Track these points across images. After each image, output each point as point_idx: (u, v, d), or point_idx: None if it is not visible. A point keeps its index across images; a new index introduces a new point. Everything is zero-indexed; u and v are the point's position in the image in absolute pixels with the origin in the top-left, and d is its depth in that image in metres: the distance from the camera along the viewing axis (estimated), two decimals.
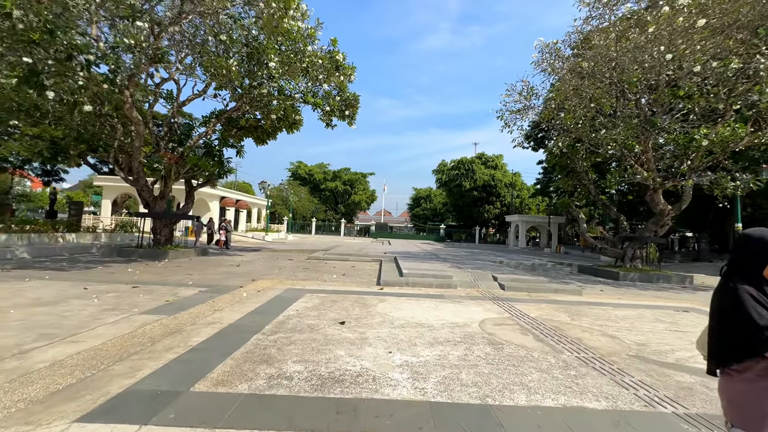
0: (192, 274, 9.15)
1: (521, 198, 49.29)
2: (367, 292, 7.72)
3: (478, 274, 10.28)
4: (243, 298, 6.50)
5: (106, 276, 8.26)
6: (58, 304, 5.43)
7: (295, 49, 12.04)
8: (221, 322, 4.89)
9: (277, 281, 8.57)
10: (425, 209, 62.95)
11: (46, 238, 12.97)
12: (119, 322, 4.69)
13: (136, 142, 10.86)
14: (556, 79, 14.70)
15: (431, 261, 13.76)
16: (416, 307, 6.36)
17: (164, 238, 13.20)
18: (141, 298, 6.12)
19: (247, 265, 11.85)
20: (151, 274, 8.82)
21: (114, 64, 8.20)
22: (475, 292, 8.36)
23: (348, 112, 15.05)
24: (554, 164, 20.45)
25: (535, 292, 8.58)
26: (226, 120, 15.65)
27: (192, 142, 13.04)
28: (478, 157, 49.23)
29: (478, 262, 14.44)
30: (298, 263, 13.10)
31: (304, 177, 56.04)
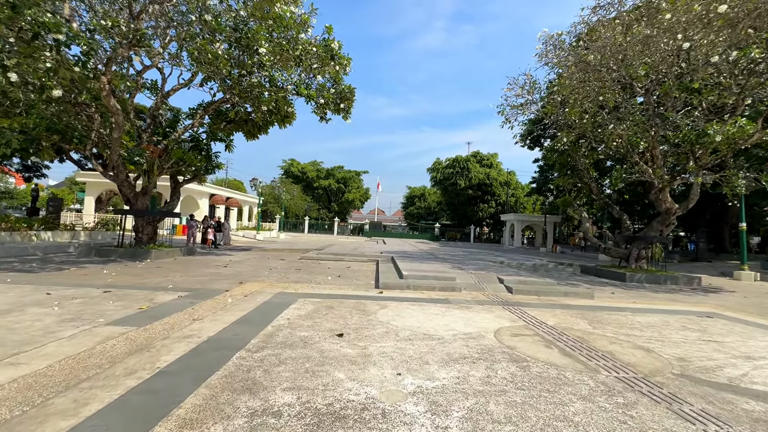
0: (174, 276, 8.42)
1: (516, 197, 49.04)
2: (365, 296, 7.07)
3: (482, 275, 9.69)
4: (228, 304, 5.81)
5: (77, 279, 7.49)
6: (9, 313, 4.69)
7: (287, 36, 11.33)
8: (199, 334, 4.21)
9: (267, 284, 7.87)
10: (419, 208, 62.44)
11: (18, 237, 12.08)
12: (77, 336, 3.98)
13: (115, 133, 10.05)
14: (559, 72, 14.19)
15: (430, 261, 13.15)
16: (421, 315, 5.73)
17: (147, 236, 12.39)
18: (111, 305, 5.39)
19: (235, 265, 11.12)
20: (128, 276, 8.06)
21: (87, 45, 7.42)
22: (481, 295, 7.77)
23: (343, 105, 14.36)
24: (553, 162, 19.97)
25: (544, 296, 8.02)
26: (214, 112, 14.86)
27: (177, 135, 12.24)
28: (473, 155, 48.82)
29: (479, 262, 13.87)
30: (291, 264, 12.40)
31: (296, 175, 55.12)
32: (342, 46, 12.07)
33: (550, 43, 13.13)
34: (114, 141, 10.14)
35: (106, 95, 9.24)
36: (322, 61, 11.97)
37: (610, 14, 11.86)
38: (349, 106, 14.54)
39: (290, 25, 11.22)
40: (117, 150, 10.34)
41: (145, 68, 11.12)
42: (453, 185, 46.13)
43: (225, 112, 15.09)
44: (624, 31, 10.71)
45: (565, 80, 12.95)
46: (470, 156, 48.29)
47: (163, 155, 11.89)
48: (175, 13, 9.29)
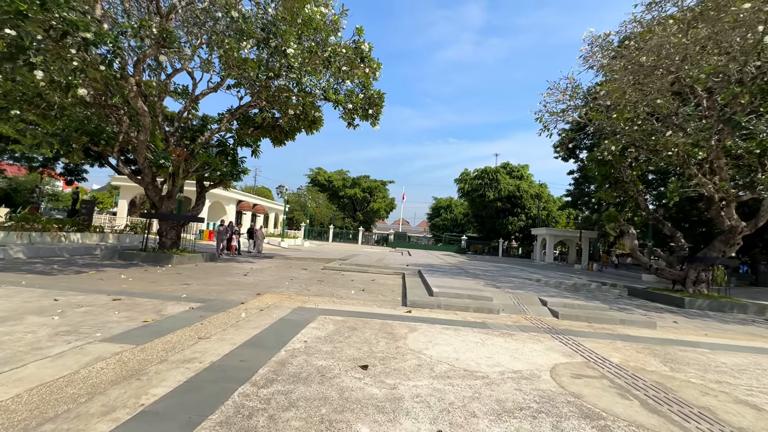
0: (191, 284, 8.00)
1: (548, 210, 47.01)
2: (392, 315, 6.33)
3: (521, 295, 8.73)
4: (240, 319, 5.23)
5: (91, 283, 7.18)
6: (5, 322, 4.29)
7: (316, 38, 10.99)
8: (202, 358, 3.61)
9: (285, 297, 7.29)
10: (445, 219, 61.17)
11: (48, 238, 12.19)
12: (65, 354, 3.47)
13: (141, 135, 9.93)
14: (606, 75, 13.12)
15: (460, 277, 12.25)
16: (458, 342, 4.93)
17: (170, 241, 12.21)
18: (115, 316, 4.93)
19: (256, 274, 10.67)
20: (144, 283, 7.70)
21: (112, 43, 7.24)
22: (523, 319, 6.84)
23: (372, 111, 13.85)
24: (594, 173, 18.62)
25: (596, 323, 6.99)
26: (242, 117, 14.76)
27: (204, 139, 12.08)
28: (503, 166, 47.37)
29: (513, 279, 12.82)
30: (313, 274, 11.84)
31: (323, 183, 55.41)
32: (372, 49, 11.60)
33: (596, 45, 12.15)
34: (140, 143, 10.02)
35: (133, 96, 9.12)
36: (352, 63, 11.54)
37: (667, 11, 10.79)
38: (378, 112, 14.03)
39: (320, 27, 10.89)
40: (143, 152, 10.22)
41: (174, 71, 11.05)
42: (481, 197, 44.78)
43: (252, 118, 14.96)
44: (686, 29, 9.63)
45: (613, 84, 11.89)
46: (499, 167, 46.88)
47: (189, 159, 11.73)
48: (202, 12, 9.11)
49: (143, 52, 8.95)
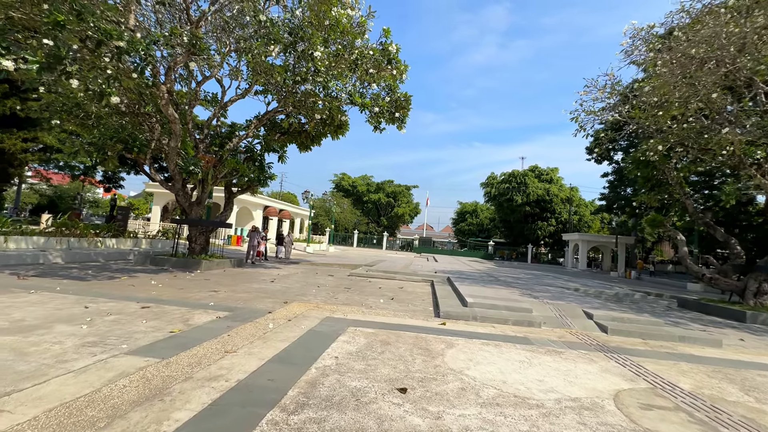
0: (218, 291, 7.90)
1: (580, 215, 45.16)
2: (425, 328, 5.94)
3: (562, 307, 8.12)
4: (268, 331, 4.99)
5: (123, 290, 7.20)
6: (35, 330, 4.22)
7: (343, 41, 10.85)
8: (228, 375, 3.37)
9: (313, 305, 7.04)
10: (471, 224, 60.04)
11: (85, 243, 12.58)
12: (89, 369, 3.31)
13: (172, 141, 10.06)
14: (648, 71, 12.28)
15: (492, 285, 11.68)
16: (501, 360, 4.48)
17: (199, 246, 12.32)
18: (143, 325, 4.80)
19: (282, 280, 10.54)
20: (173, 290, 7.67)
21: (144, 51, 7.30)
22: (568, 334, 6.28)
23: (398, 114, 13.59)
24: (634, 175, 17.55)
25: (652, 340, 6.32)
26: (269, 123, 14.84)
27: (232, 145, 12.16)
28: (531, 169, 46.01)
29: (550, 288, 12.11)
30: (340, 281, 11.60)
31: (347, 189, 55.68)
32: (400, 50, 11.34)
33: (639, 38, 11.38)
34: (171, 149, 10.14)
35: (165, 104, 9.23)
36: (378, 65, 11.31)
37: None
38: (405, 115, 13.75)
39: (346, 30, 10.74)
40: (174, 158, 10.35)
41: (204, 78, 11.19)
42: (509, 201, 43.58)
43: (279, 124, 15.03)
44: (743, 16, 8.80)
45: (657, 79, 11.07)
46: (528, 170, 45.54)
47: (218, 165, 11.82)
48: (231, 18, 9.12)
49: (174, 60, 9.06)
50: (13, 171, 18.21)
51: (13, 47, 6.52)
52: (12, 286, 6.68)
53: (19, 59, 6.39)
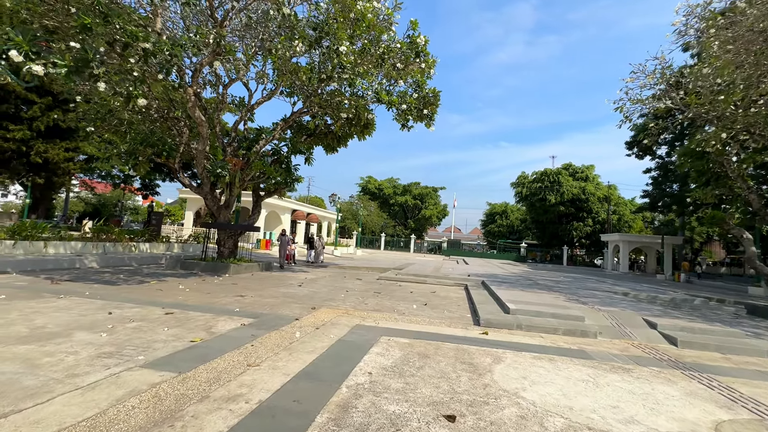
0: (245, 295, 7.64)
1: (619, 214, 42.65)
2: (466, 338, 5.36)
3: (617, 314, 7.27)
4: (294, 340, 4.58)
5: (150, 294, 7.06)
6: (53, 339, 4.01)
7: (369, 36, 10.46)
8: (249, 395, 2.95)
9: (342, 311, 6.61)
10: (501, 226, 58.21)
11: (120, 248, 12.82)
12: (100, 384, 2.99)
13: (200, 144, 10.01)
14: (706, 51, 11.10)
15: (532, 289, 10.86)
16: (560, 379, 3.84)
17: (228, 250, 12.26)
18: (164, 333, 4.52)
19: (310, 284, 10.21)
20: (200, 294, 7.47)
21: (169, 51, 7.19)
22: (631, 347, 5.50)
23: (426, 111, 13.08)
24: (687, 169, 16.10)
25: (734, 355, 5.43)
26: (295, 125, 14.71)
27: (259, 147, 12.04)
28: (565, 168, 44.00)
29: (596, 292, 11.14)
30: (369, 284, 11.16)
31: (373, 192, 55.49)
32: (428, 42, 10.81)
33: (694, 15, 10.28)
34: (199, 152, 10.09)
35: (192, 106, 9.16)
36: (406, 59, 10.84)
37: None
38: (433, 112, 13.22)
39: (372, 25, 10.35)
40: (201, 162, 10.29)
41: (231, 81, 11.12)
42: (541, 201, 41.79)
43: (306, 125, 14.87)
44: None
45: (717, 60, 9.93)
46: (561, 169, 43.58)
47: (245, 168, 11.71)
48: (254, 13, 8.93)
49: (200, 62, 8.97)
50: (57, 180, 19.16)
51: (44, 52, 6.53)
52: (44, 290, 6.67)
53: (49, 63, 6.39)
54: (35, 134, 16.79)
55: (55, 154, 17.01)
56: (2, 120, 16.15)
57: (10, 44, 6.16)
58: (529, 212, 45.80)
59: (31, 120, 16.73)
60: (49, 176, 18.12)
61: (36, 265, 9.21)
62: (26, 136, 16.41)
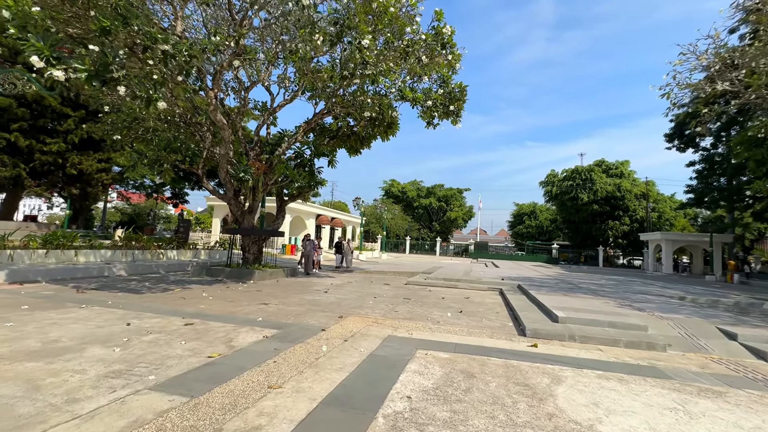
0: (269, 303, 7.27)
1: (659, 211, 40.15)
2: (513, 351, 4.71)
3: (684, 322, 6.39)
4: (321, 355, 4.11)
5: (172, 303, 6.81)
6: (64, 354, 3.71)
7: (392, 29, 10.01)
8: (268, 427, 2.48)
9: (372, 320, 6.10)
10: (529, 227, 56.27)
11: (148, 255, 12.88)
12: (100, 412, 2.60)
13: (222, 149, 9.84)
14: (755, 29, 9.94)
15: (574, 293, 9.99)
16: (639, 406, 3.16)
17: (253, 256, 12.05)
18: (180, 347, 4.15)
19: (336, 290, 9.78)
20: (222, 302, 7.16)
21: (188, 50, 6.98)
22: (711, 362, 4.68)
23: (453, 107, 12.45)
24: (742, 160, 14.67)
25: None
26: (318, 129, 14.46)
27: (282, 150, 11.80)
28: (597, 164, 41.97)
29: (649, 297, 10.12)
30: (397, 290, 10.62)
31: (396, 195, 55.00)
32: (454, 33, 10.22)
33: None
34: (221, 157, 9.92)
35: (213, 110, 8.98)
36: (431, 52, 10.29)
37: None
38: (460, 108, 12.57)
39: (395, 17, 9.89)
40: (224, 166, 10.12)
41: (252, 84, 10.93)
42: (573, 200, 39.93)
43: (328, 128, 14.58)
44: None
45: None
46: (593, 165, 41.56)
47: (268, 172, 11.49)
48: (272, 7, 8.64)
49: (221, 64, 8.78)
50: (91, 190, 19.83)
51: (64, 57, 6.45)
52: (68, 300, 6.53)
53: (69, 69, 6.29)
54: (70, 146, 17.48)
55: (88, 165, 17.60)
56: (40, 134, 16.93)
57: (32, 50, 6.10)
58: (560, 212, 43.91)
59: (66, 133, 17.41)
60: (83, 187, 18.76)
61: (66, 274, 9.24)
62: (62, 148, 17.12)
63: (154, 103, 7.11)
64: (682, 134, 29.87)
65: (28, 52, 6.09)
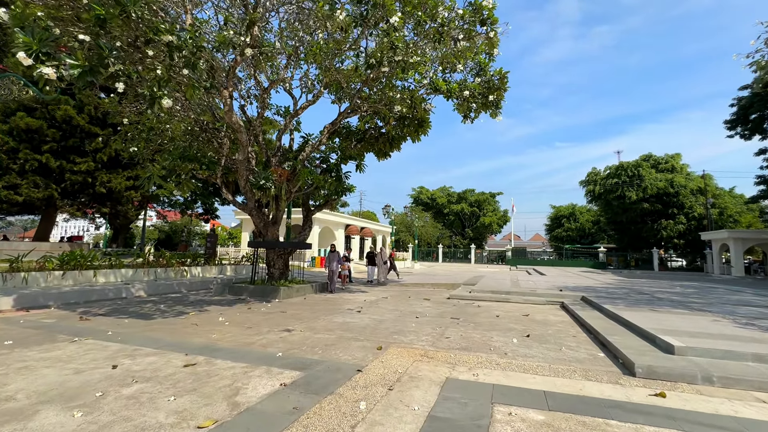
0: (293, 330, 6.10)
1: (720, 207, 36.25)
2: (636, 406, 3.23)
3: None
4: (358, 419, 2.83)
5: (180, 332, 5.78)
6: (6, 422, 2.64)
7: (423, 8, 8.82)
8: None
9: (419, 352, 4.77)
10: (568, 230, 52.87)
11: (172, 273, 12.21)
12: None
13: (240, 154, 8.94)
14: None
15: (661, 307, 8.19)
16: None
17: (278, 271, 11.04)
18: (165, 408, 3.01)
19: (371, 309, 8.52)
20: (239, 330, 6.07)
21: (193, 38, 6.09)
22: None
23: (492, 98, 11.07)
24: None
25: None
26: (345, 132, 13.47)
27: (305, 154, 10.83)
28: (644, 159, 38.69)
29: (754, 310, 8.15)
30: (440, 306, 9.21)
31: (426, 202, 53.48)
32: (496, 6, 8.87)
33: None
34: (239, 163, 9.03)
35: (228, 110, 8.09)
36: (469, 32, 8.99)
37: None
38: (500, 98, 11.18)
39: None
40: (243, 173, 9.22)
41: (271, 84, 10.05)
42: (619, 198, 36.81)
43: (355, 131, 13.56)
44: None
45: None
46: (640, 160, 38.32)
47: (292, 179, 10.51)
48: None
49: (235, 60, 7.90)
50: (121, 208, 19.85)
51: (57, 54, 5.70)
52: (64, 330, 5.66)
53: (61, 65, 5.51)
54: (99, 165, 17.54)
55: (117, 183, 17.60)
56: (69, 153, 17.08)
57: (19, 45, 5.36)
58: (604, 212, 40.71)
59: (95, 152, 17.51)
60: (113, 205, 18.79)
61: (80, 297, 8.55)
62: (91, 167, 17.18)
63: (158, 101, 6.24)
64: (746, 119, 26.65)
65: (15, 49, 5.35)
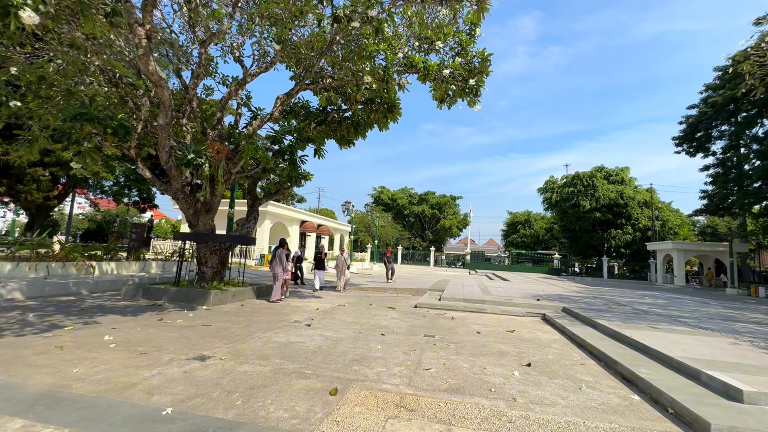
0: (210, 357, 4.27)
1: (662, 219, 38.39)
2: None
3: None
4: None
5: (26, 362, 3.76)
6: None
7: None
8: None
9: (393, 399, 3.19)
10: (524, 236, 54.19)
11: (73, 269, 9.67)
12: None
13: (161, 117, 6.86)
14: None
15: (658, 323, 7.28)
16: None
17: (211, 270, 8.97)
18: None
19: (324, 321, 6.82)
20: (126, 356, 4.13)
21: None
22: None
23: (472, 82, 9.83)
24: None
25: None
26: (303, 114, 11.66)
27: (252, 129, 8.89)
28: (598, 170, 40.14)
29: (751, 327, 7.49)
30: (409, 318, 7.70)
31: (386, 202, 52.24)
32: None
33: None
34: (160, 129, 6.94)
35: (142, 54, 6.03)
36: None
37: None
38: (480, 83, 9.97)
39: None
40: (165, 143, 7.13)
41: (210, 37, 8.02)
42: (574, 207, 37.83)
43: (314, 112, 11.77)
44: None
45: None
46: (594, 171, 39.71)
47: (233, 157, 8.53)
48: None
49: None
50: (23, 188, 16.30)
51: None
52: None
53: None
54: None
55: (17, 157, 14.22)
56: None
57: None
58: (560, 220, 41.78)
59: None
60: (11, 184, 15.29)
61: None
62: None
63: (14, 12, 4.15)
64: (693, 137, 28.12)
65: None
